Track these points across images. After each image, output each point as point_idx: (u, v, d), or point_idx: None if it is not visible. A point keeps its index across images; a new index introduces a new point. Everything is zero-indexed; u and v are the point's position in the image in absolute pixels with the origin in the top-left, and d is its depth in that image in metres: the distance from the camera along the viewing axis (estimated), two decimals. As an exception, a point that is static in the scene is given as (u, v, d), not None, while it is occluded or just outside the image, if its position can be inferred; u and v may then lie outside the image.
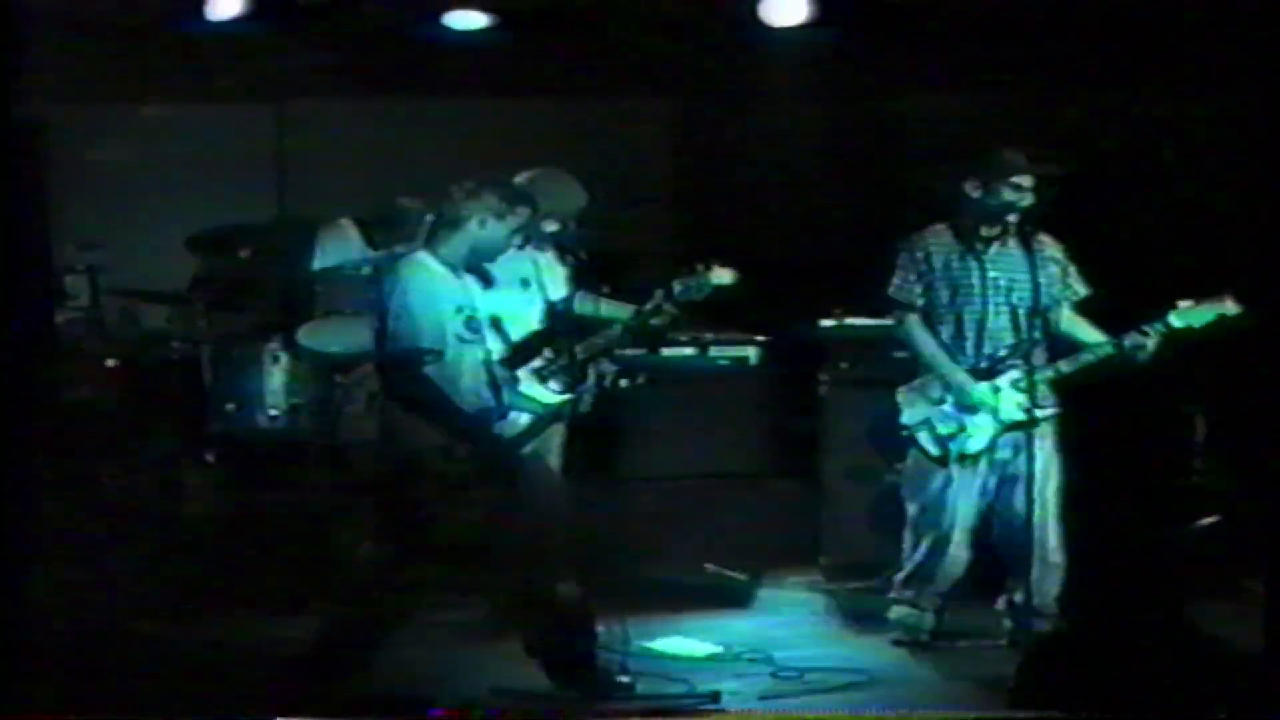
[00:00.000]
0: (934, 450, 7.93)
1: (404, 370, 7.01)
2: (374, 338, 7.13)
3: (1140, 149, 9.91)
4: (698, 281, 7.78)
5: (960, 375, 7.85)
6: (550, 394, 7.55)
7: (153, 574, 8.42)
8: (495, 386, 7.14)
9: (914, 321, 7.99)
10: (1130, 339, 7.73)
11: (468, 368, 7.08)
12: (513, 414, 7.17)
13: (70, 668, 7.07)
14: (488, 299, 7.34)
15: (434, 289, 7.05)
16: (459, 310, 7.08)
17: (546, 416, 7.34)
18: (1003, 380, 7.83)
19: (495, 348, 7.28)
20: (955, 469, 7.91)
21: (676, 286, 7.80)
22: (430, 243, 7.18)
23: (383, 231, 9.87)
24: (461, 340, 7.06)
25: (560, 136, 10.67)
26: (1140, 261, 8.67)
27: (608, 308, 8.12)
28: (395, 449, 7.13)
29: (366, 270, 9.48)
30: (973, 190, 7.88)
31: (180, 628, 8.02)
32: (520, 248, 7.51)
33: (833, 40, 10.47)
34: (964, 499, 7.91)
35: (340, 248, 9.95)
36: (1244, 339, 7.74)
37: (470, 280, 7.22)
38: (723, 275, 7.84)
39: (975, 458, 7.88)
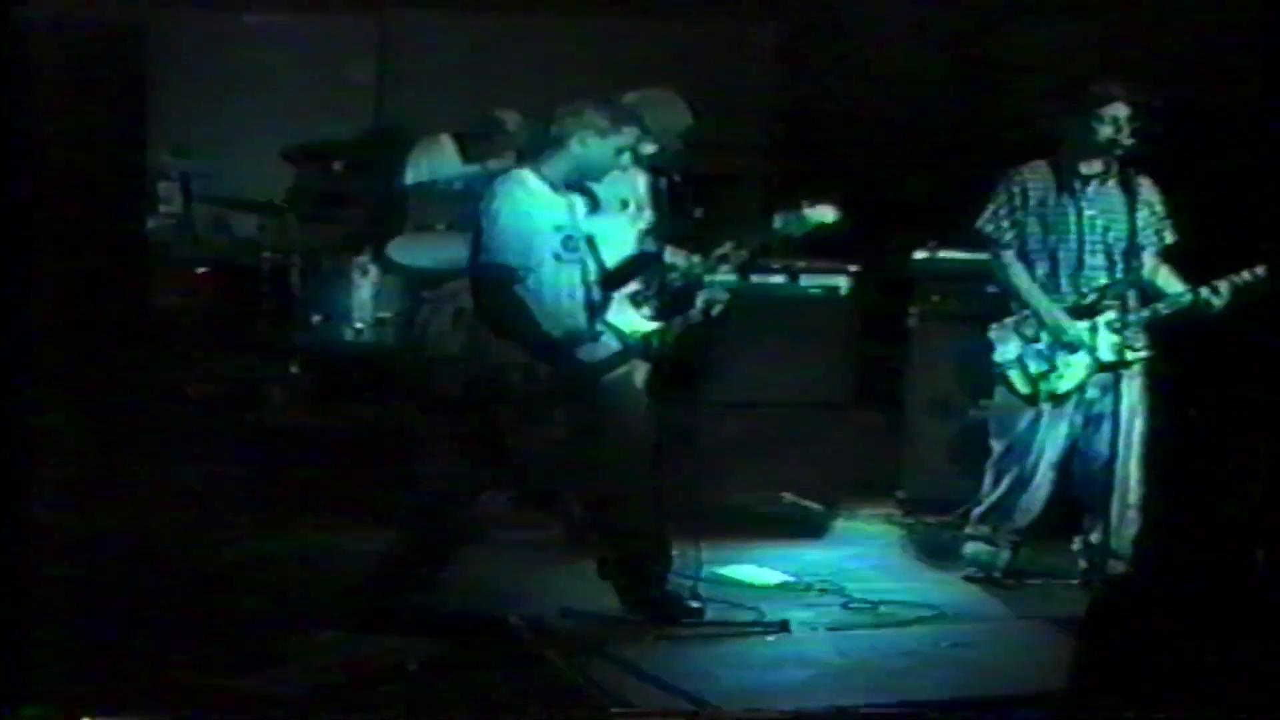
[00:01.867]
0: (1024, 389, 7.86)
1: (493, 286, 7.01)
2: (469, 253, 7.11)
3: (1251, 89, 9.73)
4: (799, 217, 7.64)
5: (1057, 312, 7.78)
6: (643, 320, 7.48)
7: (232, 483, 8.46)
8: (590, 309, 7.13)
9: (1009, 257, 7.91)
10: (1225, 283, 7.64)
11: (564, 287, 7.08)
12: (604, 338, 7.12)
13: (143, 573, 7.16)
14: (590, 219, 7.27)
15: (532, 206, 7.03)
16: (557, 229, 7.05)
17: (637, 342, 7.29)
18: (1098, 320, 7.75)
19: (593, 269, 7.19)
20: (1044, 408, 7.84)
21: (777, 221, 7.65)
22: (533, 160, 7.16)
23: (478, 146, 9.90)
24: (558, 259, 7.05)
25: (662, 57, 10.62)
26: (1235, 208, 8.52)
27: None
28: (479, 365, 7.15)
29: (460, 186, 9.51)
30: (1074, 124, 7.79)
31: (256, 539, 8.05)
32: (625, 169, 7.46)
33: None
34: (1049, 438, 7.85)
35: (435, 162, 9.98)
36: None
37: (574, 199, 7.17)
38: (825, 213, 7.67)
39: (1064, 397, 7.81)
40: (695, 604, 7.08)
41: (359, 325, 9.46)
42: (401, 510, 7.58)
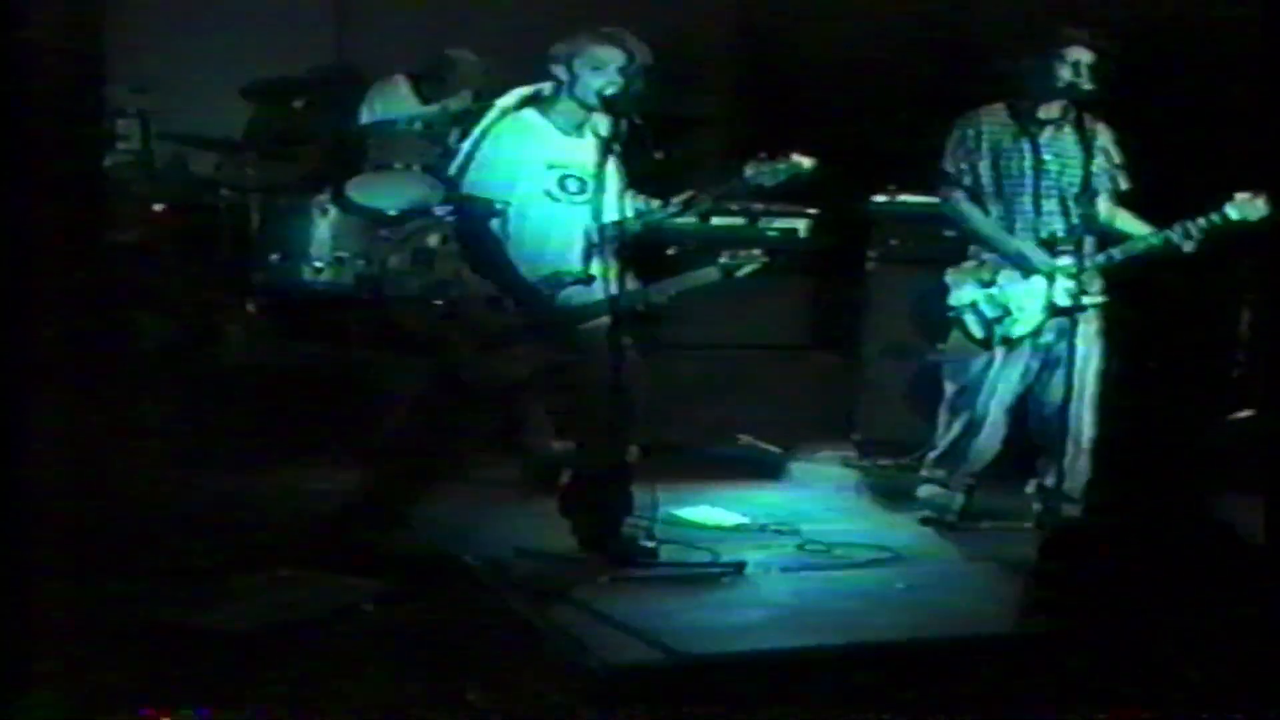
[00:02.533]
0: (978, 333, 7.89)
1: (465, 216, 7.02)
2: (454, 186, 7.12)
3: (1204, 35, 9.73)
4: (772, 168, 7.58)
5: (1019, 242, 7.80)
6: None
7: (189, 422, 8.45)
8: (588, 254, 7.10)
9: (961, 198, 7.93)
10: (1181, 228, 7.66)
11: (556, 229, 7.08)
12: (596, 285, 7.06)
13: (96, 511, 7.13)
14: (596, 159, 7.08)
15: (525, 143, 7.05)
16: (552, 167, 7.06)
17: (629, 294, 7.18)
18: (1054, 265, 7.77)
19: (603, 215, 7.06)
20: (998, 352, 7.87)
21: (749, 170, 7.57)
22: (540, 103, 7.15)
23: (433, 86, 9.88)
24: (551, 198, 7.05)
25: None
26: (1194, 154, 8.55)
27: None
28: (446, 299, 7.14)
29: (418, 125, 9.48)
30: (1032, 68, 7.80)
31: (216, 478, 8.05)
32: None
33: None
34: (1003, 382, 7.88)
35: (390, 103, 9.96)
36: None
37: (589, 142, 7.10)
38: (800, 163, 7.55)
39: (1019, 342, 7.84)
40: (649, 544, 7.08)
41: (317, 264, 9.42)
42: (371, 448, 7.59)
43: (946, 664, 5.98)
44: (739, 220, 9.46)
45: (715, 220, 9.35)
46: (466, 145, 7.13)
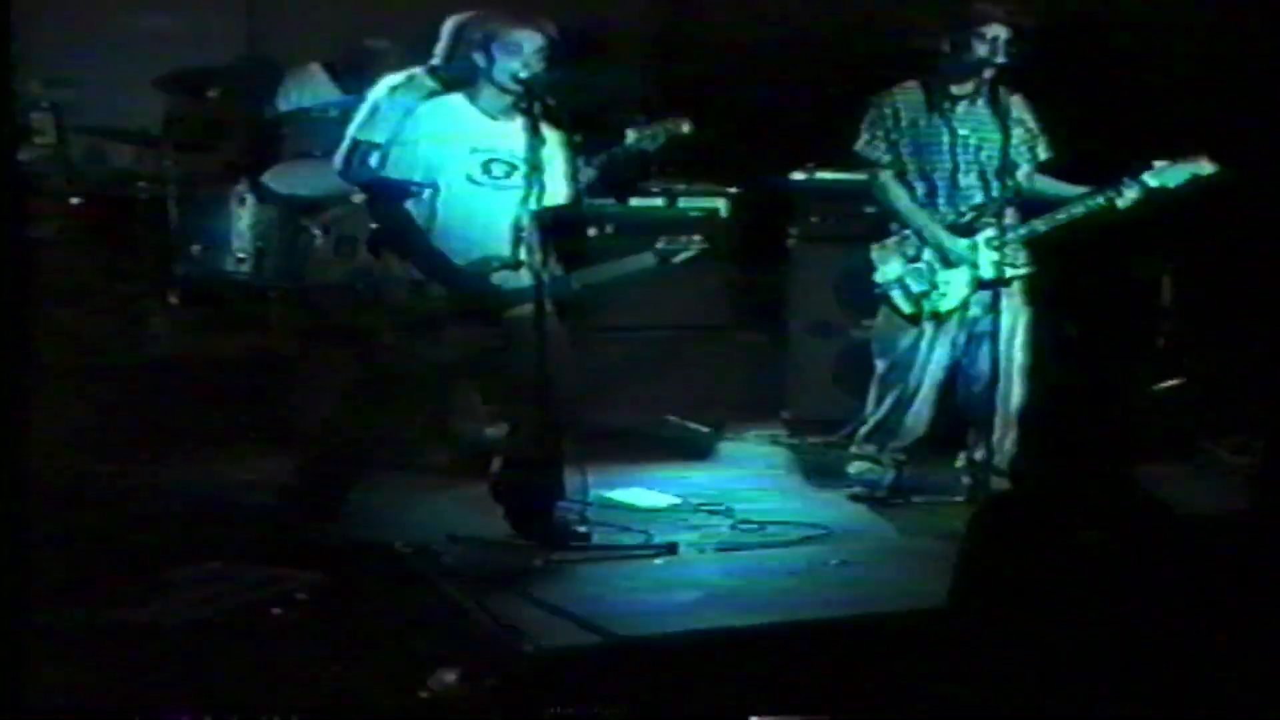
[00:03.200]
0: (906, 308, 7.90)
1: (382, 201, 7.00)
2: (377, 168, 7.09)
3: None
4: (651, 132, 7.60)
5: (938, 230, 7.82)
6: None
7: (115, 417, 8.38)
8: (516, 239, 7.02)
9: (887, 177, 7.94)
10: (1102, 196, 7.70)
11: (478, 213, 7.03)
12: (524, 271, 7.01)
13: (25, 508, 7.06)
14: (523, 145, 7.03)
15: (448, 127, 7.04)
16: (475, 151, 7.02)
17: (561, 277, 7.22)
18: (977, 238, 7.80)
19: (532, 199, 6.98)
20: (926, 326, 7.89)
21: (630, 136, 7.60)
22: (467, 87, 7.12)
23: (351, 74, 9.82)
24: (473, 182, 7.01)
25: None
26: (1111, 122, 8.60)
27: None
28: (368, 284, 7.11)
29: (335, 114, 9.41)
30: (945, 45, 7.82)
31: (142, 472, 7.98)
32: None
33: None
34: (932, 357, 7.91)
35: (306, 91, 9.89)
36: (1215, 199, 7.73)
37: (515, 126, 7.04)
38: (678, 124, 7.63)
39: (947, 316, 7.87)
40: (582, 529, 7.09)
41: (239, 255, 9.36)
42: (299, 437, 7.55)
43: (884, 640, 5.98)
44: (659, 201, 9.43)
45: (635, 202, 9.34)
46: (395, 130, 7.08)
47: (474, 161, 7.01)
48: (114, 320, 9.29)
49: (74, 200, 9.52)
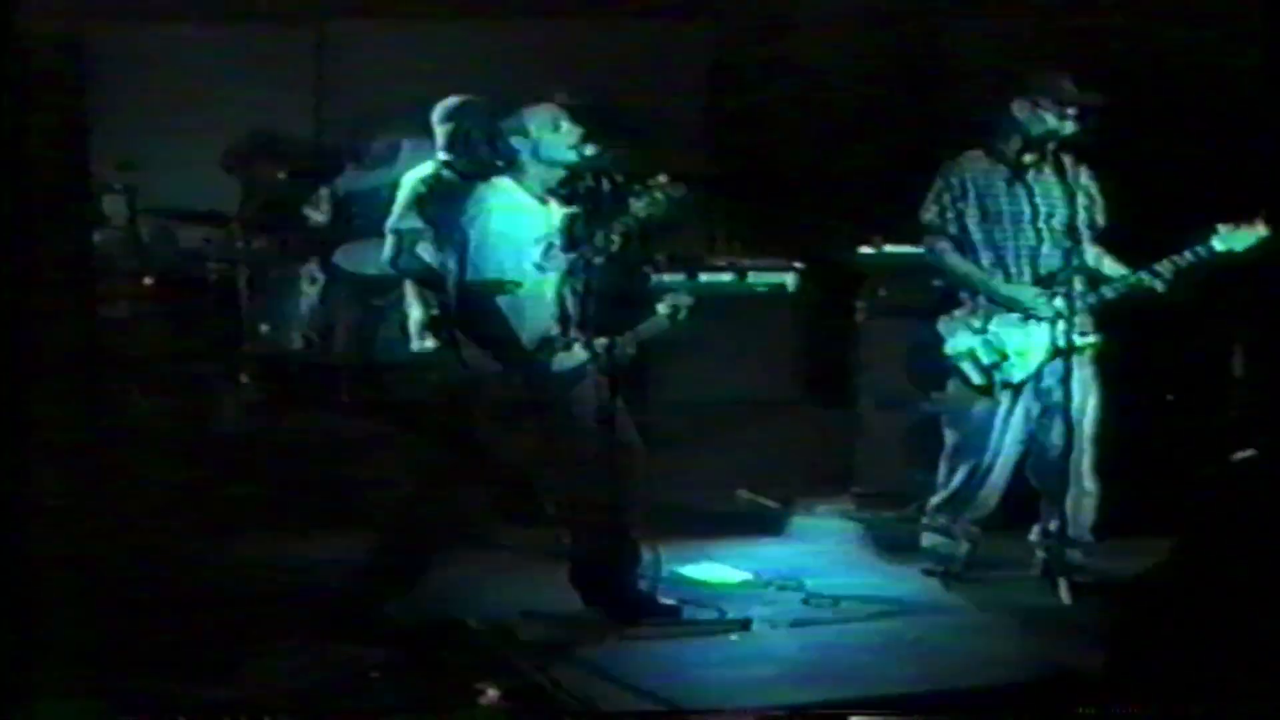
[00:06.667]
0: (978, 379, 7.87)
1: (480, 300, 7.02)
2: (454, 264, 7.10)
3: (1174, 75, 9.78)
4: (651, 197, 7.58)
5: (1001, 284, 7.81)
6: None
7: (186, 495, 8.41)
8: (564, 318, 7.12)
9: (946, 248, 7.93)
10: (1169, 261, 7.68)
11: (543, 297, 7.10)
12: (575, 346, 7.09)
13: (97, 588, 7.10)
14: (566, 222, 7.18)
15: (515, 218, 7.10)
16: (537, 240, 7.09)
17: (602, 350, 7.23)
18: (1047, 304, 7.78)
19: (570, 278, 7.13)
20: (998, 398, 7.86)
21: (634, 204, 7.57)
22: (515, 171, 7.17)
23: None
24: (540, 269, 7.08)
25: (601, 61, 10.59)
26: (1172, 192, 8.57)
27: None
28: (458, 373, 7.12)
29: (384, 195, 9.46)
30: (1019, 114, 7.82)
31: (212, 550, 8.00)
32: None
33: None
34: (1004, 429, 7.86)
35: (380, 170, 9.94)
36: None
37: (553, 207, 7.16)
38: (676, 189, 7.46)
39: (1019, 386, 7.83)
40: (669, 601, 7.12)
41: (308, 333, 9.42)
42: (378, 518, 7.58)
43: (960, 715, 5.95)
44: (727, 276, 9.46)
45: (704, 278, 9.37)
46: (466, 225, 7.12)
47: (538, 250, 7.09)
48: (185, 399, 9.35)
49: (145, 281, 9.60)
